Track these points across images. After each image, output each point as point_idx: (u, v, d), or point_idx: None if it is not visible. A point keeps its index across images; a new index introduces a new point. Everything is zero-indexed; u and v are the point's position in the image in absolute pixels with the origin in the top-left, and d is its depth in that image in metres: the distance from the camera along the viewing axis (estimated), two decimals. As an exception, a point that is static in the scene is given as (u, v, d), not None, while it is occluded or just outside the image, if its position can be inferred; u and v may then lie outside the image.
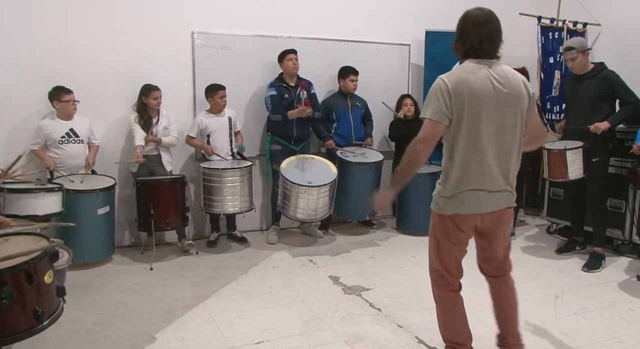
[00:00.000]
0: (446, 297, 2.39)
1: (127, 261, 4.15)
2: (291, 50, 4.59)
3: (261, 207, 5.06)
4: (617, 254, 4.29)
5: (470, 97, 2.08)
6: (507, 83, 2.14)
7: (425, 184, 4.83)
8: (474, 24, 2.17)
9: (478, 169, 2.16)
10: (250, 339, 2.79)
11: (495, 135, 2.13)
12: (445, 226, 2.28)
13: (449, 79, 2.11)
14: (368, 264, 4.08)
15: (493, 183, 2.18)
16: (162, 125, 4.30)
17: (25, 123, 4.07)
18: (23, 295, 1.84)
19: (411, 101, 5.16)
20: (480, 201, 2.19)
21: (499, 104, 2.11)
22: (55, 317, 1.97)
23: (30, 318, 1.86)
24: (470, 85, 2.09)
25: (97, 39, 4.26)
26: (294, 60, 4.57)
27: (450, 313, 2.41)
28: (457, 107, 2.09)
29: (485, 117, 2.10)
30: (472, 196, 2.18)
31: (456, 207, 2.21)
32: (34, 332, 1.87)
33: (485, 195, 2.19)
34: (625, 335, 2.87)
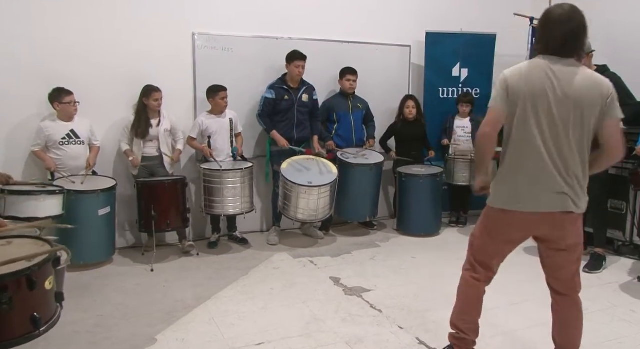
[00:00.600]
0: (466, 278, 2.38)
1: (127, 262, 4.15)
2: (301, 57, 4.53)
3: (262, 209, 5.06)
4: (618, 255, 4.29)
5: (524, 90, 2.08)
6: (568, 82, 2.06)
7: (426, 185, 4.84)
8: (553, 23, 2.11)
9: (529, 164, 2.11)
10: (251, 340, 2.79)
11: (551, 132, 2.07)
12: (489, 218, 2.26)
13: (508, 72, 2.15)
14: (369, 266, 4.08)
15: (547, 181, 2.10)
16: (163, 126, 4.31)
17: (25, 124, 4.07)
18: (22, 301, 1.84)
19: (414, 102, 5.16)
20: (529, 198, 2.12)
21: (557, 102, 2.06)
22: (53, 323, 1.97)
23: (27, 324, 1.86)
24: (524, 79, 2.09)
25: (97, 40, 4.26)
26: (301, 67, 4.55)
27: (463, 296, 2.39)
28: (512, 98, 2.10)
29: (537, 112, 2.07)
30: (521, 190, 2.12)
31: (504, 199, 2.17)
32: (31, 338, 1.87)
33: (536, 193, 2.11)
34: (626, 336, 2.87)
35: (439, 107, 5.49)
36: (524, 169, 2.12)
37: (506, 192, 2.16)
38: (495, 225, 2.24)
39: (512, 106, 2.11)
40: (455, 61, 5.53)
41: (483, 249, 2.32)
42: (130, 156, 4.21)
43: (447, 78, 5.54)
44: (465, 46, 5.48)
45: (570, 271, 2.25)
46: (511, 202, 2.15)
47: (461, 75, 5.55)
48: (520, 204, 2.13)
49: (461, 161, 5.10)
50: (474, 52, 5.50)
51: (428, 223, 4.96)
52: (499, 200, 2.19)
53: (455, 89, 5.56)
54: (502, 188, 2.18)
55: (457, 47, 5.47)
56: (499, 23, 5.38)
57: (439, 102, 5.54)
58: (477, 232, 2.36)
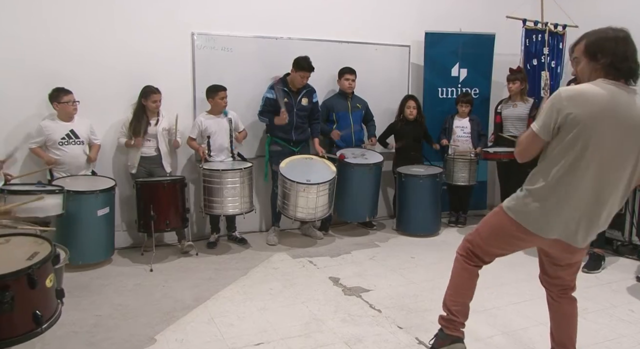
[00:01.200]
0: (460, 261, 2.40)
1: (127, 262, 4.15)
2: (309, 69, 4.50)
3: (261, 209, 5.06)
4: (617, 255, 4.30)
5: (584, 118, 1.91)
6: (632, 115, 1.94)
7: (425, 185, 4.84)
8: (616, 40, 1.97)
9: (571, 194, 1.99)
10: (250, 340, 2.79)
11: (601, 166, 1.95)
12: (504, 227, 2.19)
13: (566, 94, 1.95)
14: (368, 266, 4.08)
15: (582, 218, 2.02)
16: (161, 125, 4.31)
17: (25, 125, 4.07)
18: (24, 299, 1.84)
19: (415, 103, 5.16)
20: (556, 225, 2.04)
21: (618, 134, 1.93)
22: (54, 320, 1.97)
23: (29, 322, 1.86)
24: (586, 105, 1.92)
25: (97, 40, 4.26)
26: (306, 78, 4.55)
27: (456, 278, 2.42)
28: (566, 128, 1.94)
29: (596, 143, 1.93)
30: (551, 216, 2.04)
31: (529, 219, 2.09)
32: (33, 335, 1.87)
33: (565, 223, 2.03)
34: (625, 336, 2.87)
35: (438, 107, 5.50)
36: (563, 197, 2.00)
37: (535, 213, 2.06)
38: (508, 235, 2.19)
39: (564, 134, 1.95)
40: (454, 61, 5.53)
41: (485, 249, 2.32)
42: (130, 143, 4.20)
43: (446, 78, 5.54)
44: (464, 46, 5.49)
45: (569, 278, 2.29)
46: (536, 224, 2.07)
47: (460, 75, 5.56)
48: (544, 230, 2.07)
49: (460, 161, 5.11)
50: (473, 52, 5.51)
51: (427, 223, 4.96)
52: (523, 217, 2.10)
53: (454, 89, 5.56)
54: (531, 206, 2.07)
55: (456, 47, 5.48)
56: (497, 23, 5.39)
57: (438, 102, 5.54)
58: (483, 232, 2.31)
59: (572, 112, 1.92)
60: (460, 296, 2.42)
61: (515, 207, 2.14)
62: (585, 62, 2.02)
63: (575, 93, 1.94)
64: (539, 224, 2.07)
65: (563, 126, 1.94)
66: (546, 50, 5.35)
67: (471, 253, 2.36)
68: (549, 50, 5.37)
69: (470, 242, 2.39)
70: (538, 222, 2.07)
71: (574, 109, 1.92)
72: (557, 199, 2.02)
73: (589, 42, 2.01)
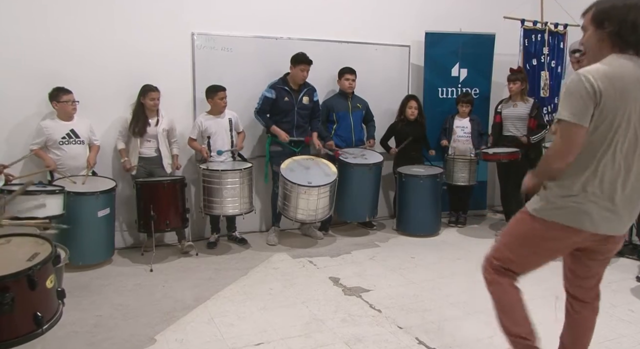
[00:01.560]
0: (502, 282, 2.12)
1: (127, 263, 4.15)
2: (307, 61, 4.50)
3: (261, 209, 5.06)
4: (617, 255, 4.29)
5: (614, 96, 1.77)
6: None
7: (426, 185, 4.84)
8: (626, 8, 1.80)
9: (605, 184, 1.86)
10: (250, 340, 2.79)
11: (632, 149, 1.85)
12: (537, 232, 1.98)
13: (591, 74, 1.78)
14: (368, 266, 4.08)
15: (614, 201, 1.88)
16: (162, 126, 4.31)
17: (25, 124, 4.07)
18: (24, 301, 1.84)
19: (416, 103, 5.16)
20: (600, 219, 1.89)
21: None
22: (55, 321, 1.97)
23: (30, 323, 1.86)
24: (616, 86, 1.77)
25: (97, 40, 4.26)
26: (306, 72, 4.55)
27: (507, 300, 2.14)
28: (601, 108, 1.78)
29: (628, 121, 1.81)
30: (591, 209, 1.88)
31: (570, 216, 1.90)
32: (33, 336, 1.87)
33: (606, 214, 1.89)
34: (625, 336, 2.87)
35: (438, 107, 5.50)
36: (598, 187, 1.86)
37: (574, 209, 1.89)
38: (547, 240, 1.99)
39: (598, 117, 1.79)
40: (454, 61, 5.53)
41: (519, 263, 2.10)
42: (123, 157, 4.23)
43: (447, 78, 5.54)
44: (465, 46, 5.49)
45: (598, 278, 2.16)
46: (578, 220, 1.89)
47: (460, 75, 5.56)
48: (587, 224, 1.89)
49: (460, 161, 5.11)
50: (473, 52, 5.51)
51: (427, 223, 4.96)
52: (561, 215, 1.91)
53: (454, 89, 5.56)
54: (567, 203, 1.90)
55: (456, 47, 5.48)
56: (496, 23, 5.39)
57: (438, 102, 5.54)
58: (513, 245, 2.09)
59: (602, 93, 1.76)
60: (517, 317, 2.14)
61: (554, 210, 1.93)
62: (592, 30, 1.89)
63: (602, 75, 1.78)
64: (586, 219, 1.89)
65: (596, 109, 1.78)
66: (546, 50, 5.36)
67: (503, 269, 2.11)
68: (549, 50, 5.38)
69: (499, 260, 2.12)
70: (586, 218, 1.88)
71: (602, 89, 1.76)
72: (597, 191, 1.86)
73: (598, 10, 1.87)
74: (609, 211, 1.89)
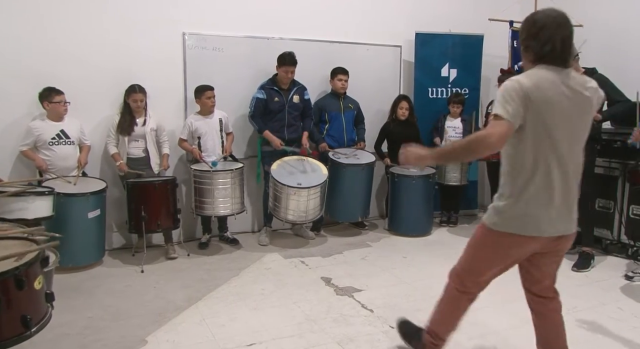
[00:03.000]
0: (461, 298, 2.29)
1: (117, 264, 4.12)
2: (291, 62, 4.48)
3: (253, 209, 5.06)
4: (606, 253, 4.34)
5: (544, 106, 1.89)
6: (580, 92, 1.96)
7: (418, 185, 4.86)
8: (557, 25, 1.94)
9: (545, 187, 1.97)
10: (242, 341, 2.79)
11: (562, 151, 1.96)
12: (494, 243, 2.08)
13: (523, 80, 1.91)
14: (360, 266, 4.09)
15: (555, 204, 1.99)
16: (149, 126, 4.28)
17: (14, 125, 4.03)
18: (12, 301, 1.81)
19: (407, 103, 5.17)
20: (548, 223, 2.00)
21: (570, 115, 1.95)
22: (44, 324, 1.94)
23: (17, 325, 1.83)
24: (545, 93, 1.90)
25: (87, 40, 4.23)
26: (290, 73, 4.54)
27: (453, 316, 2.34)
28: (530, 115, 1.90)
29: (555, 130, 1.93)
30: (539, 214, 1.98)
31: (514, 226, 2.00)
32: (22, 339, 1.84)
33: (550, 216, 2.00)
34: (613, 334, 2.90)
35: (428, 107, 5.52)
36: (538, 191, 1.97)
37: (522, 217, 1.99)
38: (504, 250, 2.09)
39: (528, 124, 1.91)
40: (444, 61, 5.56)
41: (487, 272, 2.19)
42: (118, 160, 4.20)
43: (436, 78, 5.57)
44: (454, 47, 5.52)
45: (554, 277, 2.27)
46: (523, 228, 1.99)
47: (450, 76, 5.59)
48: (542, 229, 2.00)
49: (451, 160, 5.13)
50: (463, 53, 5.55)
51: (419, 223, 4.98)
52: (508, 226, 2.02)
53: (444, 89, 5.59)
54: (520, 210, 1.99)
55: (445, 47, 5.51)
56: (486, 24, 5.43)
57: (428, 102, 5.57)
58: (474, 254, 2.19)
59: (533, 98, 1.88)
60: (448, 325, 2.36)
61: (503, 219, 2.03)
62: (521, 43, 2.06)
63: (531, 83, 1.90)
64: (536, 225, 1.99)
65: (527, 114, 1.89)
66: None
67: (463, 279, 2.25)
68: None
69: (460, 267, 2.27)
70: (534, 223, 1.99)
71: (534, 95, 1.88)
72: (543, 191, 1.97)
73: (522, 24, 2.06)
74: (556, 213, 2.00)
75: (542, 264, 2.19)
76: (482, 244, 2.16)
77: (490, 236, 2.09)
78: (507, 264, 2.17)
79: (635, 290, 3.56)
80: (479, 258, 2.19)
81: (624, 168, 4.20)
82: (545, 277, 2.25)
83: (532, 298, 2.30)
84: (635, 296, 3.44)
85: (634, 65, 4.75)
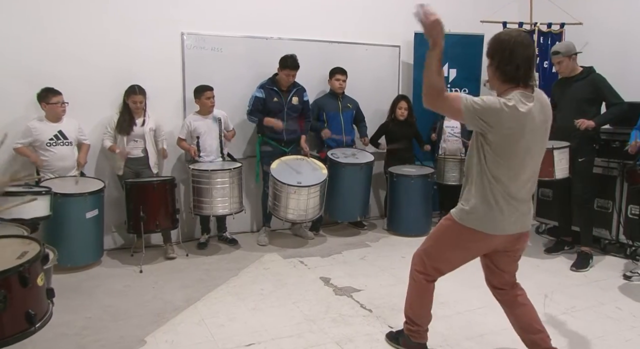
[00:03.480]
0: (419, 280, 2.45)
1: (116, 264, 4.12)
2: (293, 67, 4.48)
3: (251, 209, 5.05)
4: (604, 253, 4.35)
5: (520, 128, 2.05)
6: (546, 112, 2.16)
7: (417, 185, 4.86)
8: (523, 46, 2.07)
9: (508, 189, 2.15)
10: (241, 341, 2.79)
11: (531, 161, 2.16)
12: (461, 237, 2.26)
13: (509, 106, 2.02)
14: (359, 265, 4.09)
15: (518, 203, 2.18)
16: (148, 126, 4.27)
17: (12, 125, 3.99)
18: (17, 298, 1.82)
19: (406, 103, 5.17)
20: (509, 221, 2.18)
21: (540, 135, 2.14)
22: (46, 320, 1.96)
23: (22, 321, 1.84)
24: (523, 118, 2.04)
25: (86, 40, 4.22)
26: (291, 76, 4.54)
27: (418, 297, 2.51)
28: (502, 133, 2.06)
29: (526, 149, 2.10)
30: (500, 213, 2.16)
31: (480, 223, 2.19)
32: (27, 335, 1.86)
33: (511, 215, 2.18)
34: (611, 333, 2.90)
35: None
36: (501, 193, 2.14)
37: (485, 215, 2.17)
38: (467, 244, 2.27)
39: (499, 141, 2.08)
40: (443, 61, 5.50)
41: (450, 262, 2.38)
42: (115, 149, 4.17)
43: (436, 78, 5.55)
44: (454, 47, 5.50)
45: (514, 271, 2.44)
46: (491, 226, 2.18)
47: (450, 76, 5.59)
48: (499, 227, 2.18)
49: (451, 160, 5.14)
50: (462, 53, 5.54)
51: (418, 223, 4.97)
52: (476, 222, 2.19)
53: (444, 89, 5.58)
54: (480, 210, 2.17)
55: (445, 47, 5.45)
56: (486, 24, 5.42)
57: (427, 102, 5.55)
58: (440, 246, 2.37)
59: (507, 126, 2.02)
60: (421, 311, 2.53)
61: (470, 217, 2.20)
62: (488, 63, 2.18)
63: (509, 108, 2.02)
64: (497, 224, 2.17)
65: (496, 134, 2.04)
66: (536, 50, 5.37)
67: (432, 269, 2.41)
68: (540, 51, 5.39)
69: (422, 254, 2.44)
70: (495, 222, 2.17)
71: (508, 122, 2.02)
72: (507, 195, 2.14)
73: (489, 43, 2.17)
74: (516, 212, 2.17)
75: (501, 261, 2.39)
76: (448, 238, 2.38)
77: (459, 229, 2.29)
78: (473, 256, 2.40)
79: (633, 290, 3.56)
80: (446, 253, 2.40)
81: (622, 168, 4.20)
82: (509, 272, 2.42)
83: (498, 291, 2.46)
84: (633, 296, 3.45)
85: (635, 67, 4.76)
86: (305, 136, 4.82)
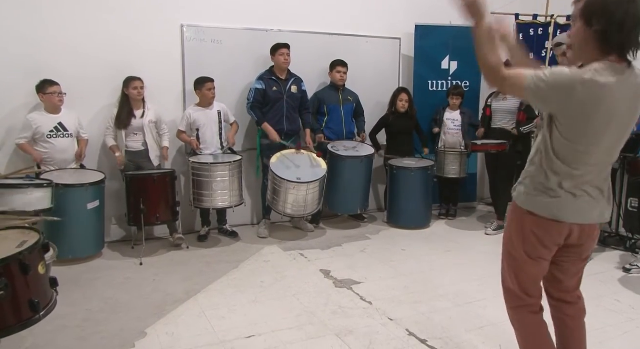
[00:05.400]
0: (525, 320, 2.01)
1: (117, 256, 4.13)
2: (284, 45, 4.54)
3: (252, 202, 5.06)
4: (604, 246, 4.35)
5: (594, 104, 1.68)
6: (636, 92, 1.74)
7: (417, 178, 4.86)
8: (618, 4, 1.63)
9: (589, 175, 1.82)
10: (241, 333, 2.80)
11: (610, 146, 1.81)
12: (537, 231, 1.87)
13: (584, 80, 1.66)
14: (359, 258, 4.10)
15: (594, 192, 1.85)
16: (148, 118, 4.26)
17: (11, 117, 4.02)
18: (19, 286, 1.83)
19: (407, 96, 5.16)
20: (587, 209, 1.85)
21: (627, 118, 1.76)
22: (51, 308, 1.97)
23: (26, 309, 1.85)
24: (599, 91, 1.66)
25: (85, 32, 4.20)
26: (285, 55, 4.54)
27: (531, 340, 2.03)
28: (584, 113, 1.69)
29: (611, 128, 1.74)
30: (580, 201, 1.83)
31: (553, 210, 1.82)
32: (31, 323, 1.86)
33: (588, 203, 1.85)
34: (611, 326, 2.91)
35: (428, 99, 5.50)
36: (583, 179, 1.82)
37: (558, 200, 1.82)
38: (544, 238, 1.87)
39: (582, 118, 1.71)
40: (444, 54, 5.53)
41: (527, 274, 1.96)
42: (116, 152, 4.18)
43: (437, 71, 5.55)
44: (455, 39, 5.48)
45: (580, 277, 2.07)
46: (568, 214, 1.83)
47: (450, 68, 5.57)
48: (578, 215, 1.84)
49: (451, 153, 5.13)
50: (463, 45, 5.49)
51: (418, 216, 4.98)
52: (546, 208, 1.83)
53: (444, 82, 5.57)
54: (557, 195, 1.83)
55: (446, 39, 5.47)
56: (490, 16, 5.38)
57: (428, 94, 5.55)
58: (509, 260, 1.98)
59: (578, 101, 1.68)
60: None
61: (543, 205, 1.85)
62: (580, 25, 1.74)
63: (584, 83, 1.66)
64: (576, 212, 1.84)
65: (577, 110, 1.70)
66: (548, 44, 5.31)
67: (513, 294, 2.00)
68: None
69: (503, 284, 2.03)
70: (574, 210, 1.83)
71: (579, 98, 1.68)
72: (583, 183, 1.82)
73: (589, 2, 1.70)
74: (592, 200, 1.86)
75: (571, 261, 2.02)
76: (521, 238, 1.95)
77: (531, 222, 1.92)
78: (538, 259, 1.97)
79: (633, 282, 3.57)
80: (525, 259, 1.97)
81: (623, 160, 4.19)
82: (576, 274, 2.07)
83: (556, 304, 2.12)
84: (633, 288, 3.46)
85: None
86: (309, 130, 4.81)
